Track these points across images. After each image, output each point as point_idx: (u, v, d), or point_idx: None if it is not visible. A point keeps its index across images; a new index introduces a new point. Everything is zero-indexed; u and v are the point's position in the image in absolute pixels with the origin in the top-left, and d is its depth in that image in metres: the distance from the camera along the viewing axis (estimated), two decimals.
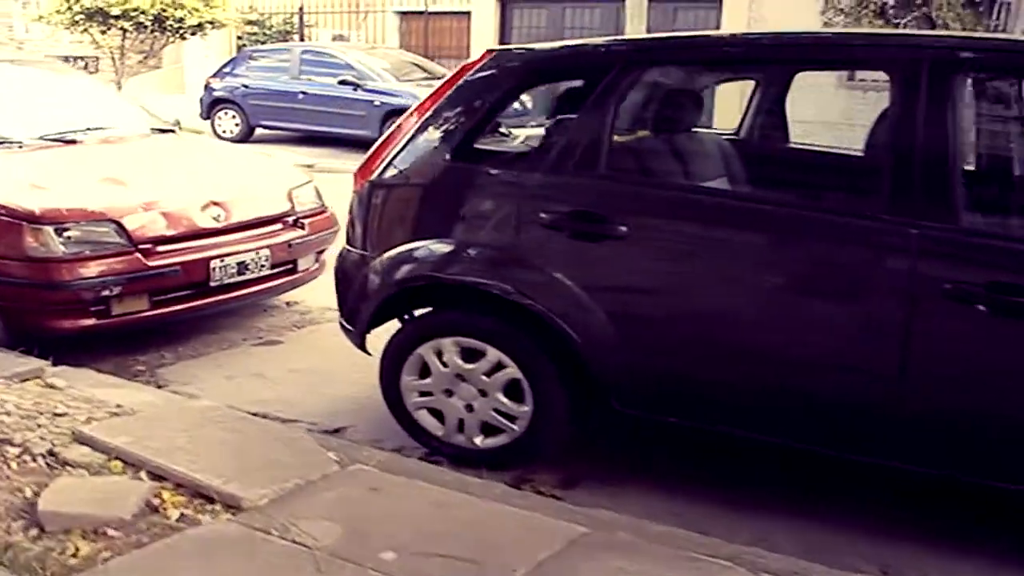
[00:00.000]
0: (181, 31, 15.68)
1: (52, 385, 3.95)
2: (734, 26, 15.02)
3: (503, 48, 3.58)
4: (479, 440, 3.59)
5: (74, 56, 17.78)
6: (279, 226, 5.37)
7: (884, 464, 3.02)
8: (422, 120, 3.62)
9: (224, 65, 15.59)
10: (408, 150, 3.63)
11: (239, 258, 5.03)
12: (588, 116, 3.31)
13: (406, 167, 3.64)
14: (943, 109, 2.84)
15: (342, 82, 13.76)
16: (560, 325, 3.28)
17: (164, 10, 15.06)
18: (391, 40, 19.06)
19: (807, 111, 5.38)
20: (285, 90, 14.30)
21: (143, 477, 3.07)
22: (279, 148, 13.08)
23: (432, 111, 3.59)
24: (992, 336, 2.79)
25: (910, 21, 10.04)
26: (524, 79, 3.51)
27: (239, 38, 19.72)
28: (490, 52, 3.58)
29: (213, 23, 15.97)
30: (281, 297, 5.79)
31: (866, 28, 10.14)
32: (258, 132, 14.73)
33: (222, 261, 4.94)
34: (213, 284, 4.94)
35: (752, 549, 2.84)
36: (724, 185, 3.59)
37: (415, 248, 3.58)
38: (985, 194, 3.28)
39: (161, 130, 6.15)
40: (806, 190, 3.40)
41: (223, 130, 14.74)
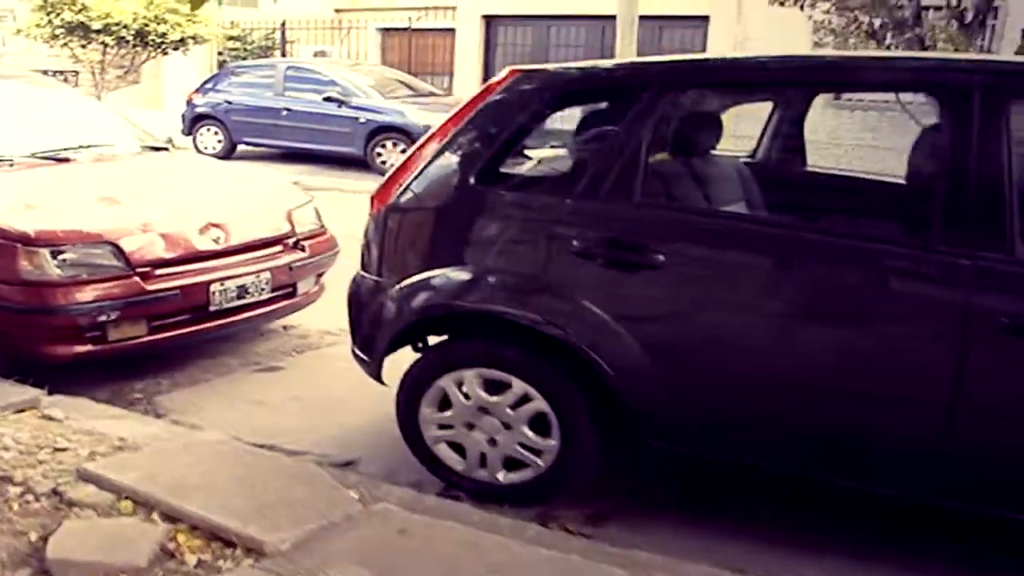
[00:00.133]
0: (163, 46, 15.47)
1: (50, 416, 3.78)
2: (720, 45, 15.05)
3: (529, 68, 3.44)
4: (502, 475, 3.45)
5: (53, 70, 17.47)
6: (279, 248, 5.20)
7: (933, 503, 2.90)
8: (443, 142, 3.47)
9: (207, 81, 15.37)
10: (429, 173, 3.48)
11: (239, 281, 4.86)
12: (622, 139, 3.16)
13: (426, 191, 3.50)
14: (997, 136, 2.73)
15: (327, 99, 13.59)
16: (592, 356, 3.14)
17: (146, 25, 14.86)
18: (372, 56, 18.94)
19: None
20: (269, 106, 14.09)
21: (156, 518, 2.90)
22: (262, 165, 12.87)
23: (454, 133, 3.45)
24: None
25: (902, 43, 10.03)
26: (553, 100, 3.36)
27: (220, 54, 19.54)
28: (515, 72, 3.44)
29: (196, 38, 15.77)
30: (278, 321, 5.62)
31: (859, 50, 10.12)
32: (240, 149, 14.51)
33: (222, 285, 4.77)
34: (212, 308, 4.76)
35: None
36: (765, 213, 3.46)
37: (436, 275, 3.43)
38: None
39: (155, 148, 5.97)
40: (851, 218, 3.30)
41: (205, 146, 14.50)
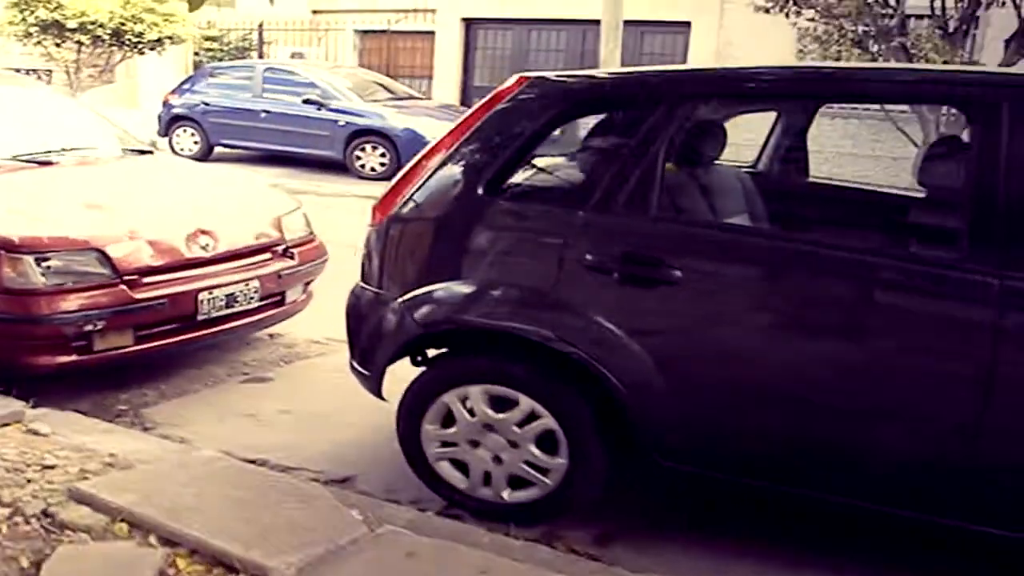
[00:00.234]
0: (140, 46, 15.23)
1: (35, 431, 3.64)
2: (702, 51, 15.02)
3: (538, 75, 3.34)
4: (507, 494, 3.35)
5: (25, 69, 17.21)
6: (268, 255, 5.07)
7: (960, 527, 2.83)
8: (449, 152, 3.36)
9: (183, 82, 15.16)
10: (434, 184, 3.38)
11: (228, 290, 4.73)
12: (637, 150, 3.06)
13: (431, 201, 3.39)
14: None
15: (306, 101, 13.45)
16: (603, 373, 3.05)
17: (123, 24, 14.63)
18: (349, 58, 18.77)
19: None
20: (247, 108, 13.92)
21: (153, 542, 2.77)
22: (239, 168, 12.71)
23: (460, 142, 3.34)
24: None
25: (887, 51, 10.03)
26: (566, 109, 3.27)
27: (196, 54, 19.30)
28: (524, 79, 3.34)
29: (173, 38, 15.55)
30: (264, 329, 5.49)
31: (843, 58, 10.11)
32: (217, 151, 14.31)
33: (210, 293, 4.64)
34: (200, 318, 4.63)
35: None
36: (787, 228, 3.36)
37: (440, 288, 3.32)
38: None
39: (139, 151, 5.83)
40: (877, 234, 3.22)
41: (181, 148, 14.29)
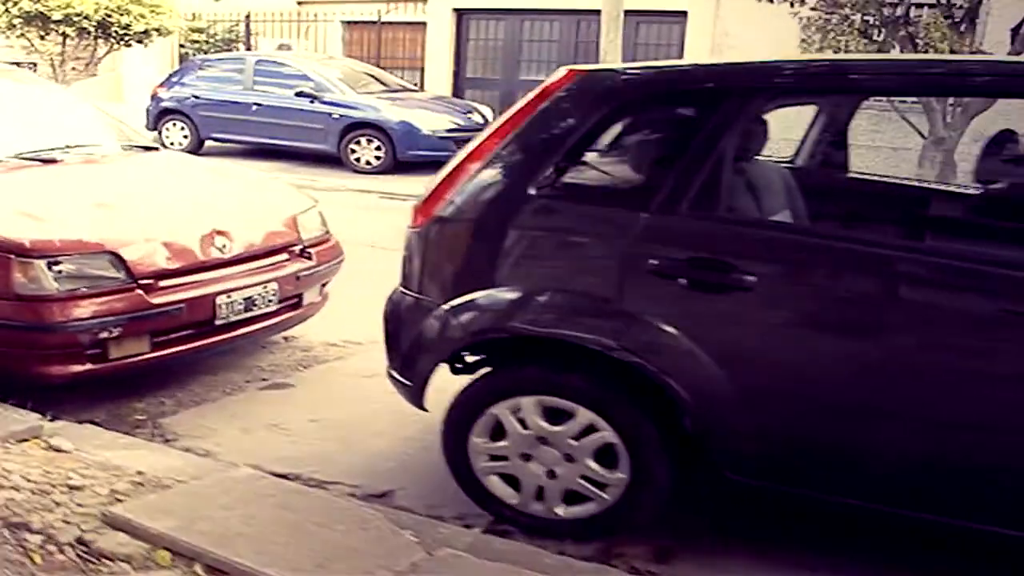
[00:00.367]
0: (126, 38, 14.91)
1: (57, 448, 3.44)
2: (699, 41, 14.82)
3: (591, 68, 3.16)
4: (561, 509, 3.18)
5: (8, 61, 16.87)
6: (285, 256, 4.87)
7: None
8: (496, 151, 3.17)
9: (172, 74, 14.88)
10: (480, 184, 3.18)
11: (246, 293, 4.53)
12: (703, 148, 2.88)
13: (478, 203, 3.20)
14: None
15: (299, 94, 13.20)
16: (668, 383, 2.88)
17: (109, 16, 14.31)
18: (335, 50, 18.49)
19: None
20: (238, 101, 13.65)
21: (199, 572, 2.59)
22: (231, 161, 12.46)
23: (510, 139, 3.15)
24: None
25: (894, 41, 9.90)
26: (622, 104, 3.09)
27: (182, 46, 18.97)
28: (574, 72, 3.16)
29: (159, 30, 15.23)
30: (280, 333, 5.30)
31: (848, 48, 9.97)
32: (207, 144, 14.05)
33: (229, 297, 4.44)
34: (219, 322, 4.43)
35: None
36: (868, 230, 3.19)
37: (489, 294, 3.14)
38: None
39: (144, 147, 5.61)
40: (961, 237, 3.06)
41: (171, 142, 13.98)
